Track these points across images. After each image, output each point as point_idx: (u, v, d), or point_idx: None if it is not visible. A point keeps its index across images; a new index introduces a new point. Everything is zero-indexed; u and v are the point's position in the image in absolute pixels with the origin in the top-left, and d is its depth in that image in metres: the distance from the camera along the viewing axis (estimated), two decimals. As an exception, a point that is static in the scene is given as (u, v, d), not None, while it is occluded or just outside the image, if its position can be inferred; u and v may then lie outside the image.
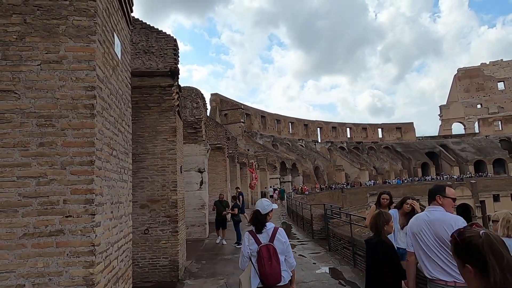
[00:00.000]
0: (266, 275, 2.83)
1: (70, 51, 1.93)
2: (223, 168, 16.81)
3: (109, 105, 2.25)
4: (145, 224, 6.58)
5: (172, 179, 6.70)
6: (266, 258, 2.85)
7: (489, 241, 1.11)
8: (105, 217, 2.05)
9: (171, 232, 6.58)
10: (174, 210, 6.64)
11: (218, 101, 49.10)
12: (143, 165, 6.71)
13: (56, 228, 1.81)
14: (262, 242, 2.93)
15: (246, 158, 26.67)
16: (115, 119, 2.40)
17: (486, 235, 1.13)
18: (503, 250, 1.11)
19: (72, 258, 1.80)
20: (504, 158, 55.63)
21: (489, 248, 1.10)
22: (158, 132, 6.79)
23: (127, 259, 2.71)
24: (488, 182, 52.70)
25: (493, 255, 1.09)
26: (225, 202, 11.03)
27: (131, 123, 3.10)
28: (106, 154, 2.13)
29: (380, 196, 4.96)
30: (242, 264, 3.06)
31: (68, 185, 1.85)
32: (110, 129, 2.25)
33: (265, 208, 3.09)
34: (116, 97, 2.45)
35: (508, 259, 1.09)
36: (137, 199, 6.62)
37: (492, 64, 67.62)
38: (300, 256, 8.42)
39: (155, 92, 6.84)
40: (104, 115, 2.11)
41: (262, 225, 3.02)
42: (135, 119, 6.79)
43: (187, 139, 12.31)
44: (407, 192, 51.90)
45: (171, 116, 6.84)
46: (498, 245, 1.11)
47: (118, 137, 2.48)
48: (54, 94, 1.89)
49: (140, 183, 6.66)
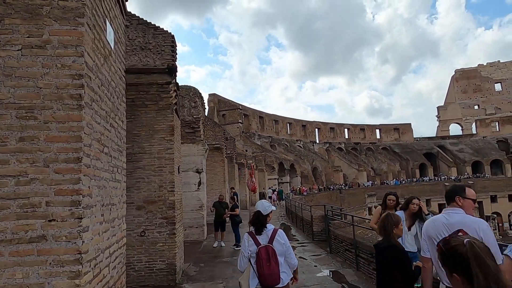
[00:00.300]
0: (264, 276, 2.85)
1: (55, 35, 1.72)
2: (221, 169, 16.59)
3: (100, 97, 2.05)
4: (142, 226, 6.35)
5: (170, 179, 6.48)
6: (264, 259, 2.87)
7: (472, 250, 1.13)
8: (94, 220, 1.84)
9: (168, 234, 6.36)
10: (172, 211, 6.42)
11: (216, 102, 48.86)
12: (139, 165, 6.49)
13: (38, 233, 1.60)
14: (261, 243, 2.94)
15: (245, 159, 26.46)
16: (106, 113, 2.19)
17: (469, 243, 1.14)
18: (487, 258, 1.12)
19: (56, 267, 1.59)
20: (501, 159, 55.78)
21: (473, 257, 1.11)
22: (155, 131, 6.58)
23: (120, 266, 2.50)
24: (486, 183, 52.79)
25: (476, 263, 1.10)
26: (225, 203, 10.74)
27: (126, 119, 2.90)
28: (96, 151, 1.92)
29: (386, 197, 4.78)
30: (241, 265, 3.06)
31: (52, 185, 1.64)
32: (101, 124, 2.04)
33: (266, 209, 3.11)
34: (108, 89, 2.24)
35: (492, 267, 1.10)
36: (133, 200, 6.40)
37: (489, 65, 67.88)
38: (301, 258, 8.21)
39: (152, 90, 6.62)
40: (93, 107, 1.90)
41: (262, 226, 3.03)
42: (131, 118, 6.57)
43: (185, 139, 12.09)
44: (405, 193, 51.97)
45: (168, 115, 6.63)
46: (482, 253, 1.12)
47: (110, 133, 2.27)
48: (37, 83, 1.68)
49: (136, 184, 6.44)
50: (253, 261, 2.94)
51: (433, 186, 53.45)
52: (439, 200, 53.07)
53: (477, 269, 1.10)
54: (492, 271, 1.11)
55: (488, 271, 1.10)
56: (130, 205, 6.39)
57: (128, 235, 6.64)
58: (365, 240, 6.68)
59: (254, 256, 2.94)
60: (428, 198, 52.67)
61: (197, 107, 12.08)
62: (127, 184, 6.58)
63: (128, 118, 6.95)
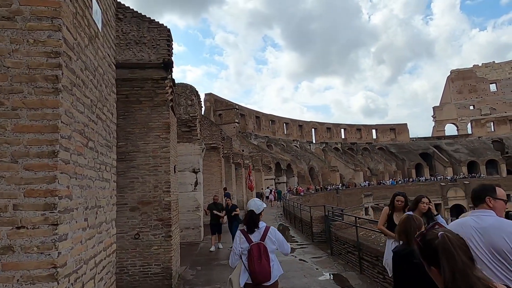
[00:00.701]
0: (255, 273, 2.89)
1: (27, 4, 1.43)
2: (218, 169, 16.30)
3: (84, 82, 1.76)
4: (136, 228, 6.05)
5: (165, 179, 6.18)
6: (256, 257, 2.92)
7: (443, 242, 1.16)
8: (75, 226, 1.55)
9: (164, 237, 6.06)
10: (167, 212, 6.12)
11: (212, 101, 48.52)
12: (133, 164, 6.18)
13: (3, 244, 1.32)
14: (253, 241, 2.99)
15: (241, 159, 26.17)
16: (92, 102, 1.90)
17: (442, 236, 1.17)
18: (457, 251, 1.13)
19: (25, 285, 1.30)
20: (497, 159, 56.08)
21: (442, 249, 1.15)
22: (150, 128, 6.28)
23: (109, 276, 2.21)
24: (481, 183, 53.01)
25: (444, 255, 1.14)
26: (220, 205, 10.13)
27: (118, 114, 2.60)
28: (78, 145, 1.64)
29: (394, 198, 4.52)
30: (233, 262, 3.14)
31: (21, 184, 1.35)
32: (84, 113, 1.75)
33: (259, 208, 3.16)
34: (94, 75, 1.96)
35: (461, 259, 1.12)
36: (127, 201, 6.09)
37: (484, 66, 68.26)
38: (301, 261, 7.96)
39: (147, 85, 6.32)
40: (74, 93, 1.62)
41: (255, 225, 3.08)
42: (125, 115, 6.27)
43: (181, 138, 11.78)
44: (401, 193, 52.18)
45: (164, 112, 6.33)
46: (452, 245, 1.14)
47: (96, 125, 1.98)
48: (3, 62, 1.40)
49: (130, 184, 6.13)
50: (245, 258, 2.99)
51: (429, 186, 53.55)
52: (435, 200, 53.16)
53: (444, 262, 1.13)
54: (459, 265, 1.11)
55: (455, 265, 1.11)
56: (123, 207, 6.09)
57: (121, 237, 6.34)
58: (369, 242, 6.44)
59: (245, 253, 2.99)
60: (424, 198, 52.74)
61: (193, 105, 11.77)
62: (120, 184, 6.27)
63: (121, 115, 6.64)
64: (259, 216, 3.15)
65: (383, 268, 5.51)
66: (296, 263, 7.64)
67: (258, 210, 3.15)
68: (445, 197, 52.87)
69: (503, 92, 65.35)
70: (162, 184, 6.15)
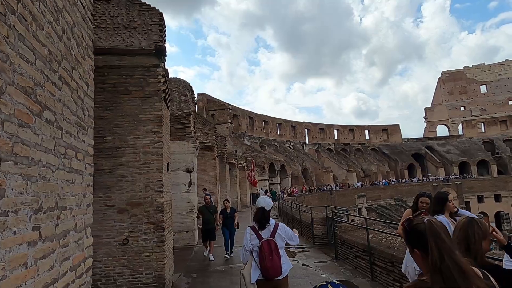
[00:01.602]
0: (267, 269, 2.97)
1: None
2: (213, 169, 15.66)
3: (35, 18, 1.15)
4: (124, 232, 5.40)
5: (157, 178, 5.55)
6: (267, 253, 2.99)
7: (430, 226, 1.25)
8: (9, 241, 0.95)
9: (156, 242, 5.43)
10: (160, 215, 5.49)
11: (205, 101, 47.78)
12: (122, 161, 5.53)
13: None
14: (263, 237, 3.07)
15: (235, 159, 25.55)
16: (52, 56, 1.30)
17: (428, 221, 1.27)
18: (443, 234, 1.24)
19: None
20: (488, 159, 56.63)
21: (430, 232, 1.24)
22: (141, 121, 5.64)
23: (81, 304, 1.59)
24: (473, 183, 53.47)
25: (432, 237, 1.23)
26: (213, 207, 8.72)
27: (93, 84, 2.01)
28: (21, 109, 1.04)
29: (418, 199, 3.97)
30: (244, 258, 3.20)
31: None
32: (35, 66, 1.15)
33: (269, 205, 3.25)
34: (56, 19, 1.35)
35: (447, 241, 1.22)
36: (115, 203, 5.44)
37: (475, 67, 69.09)
38: (305, 266, 7.39)
39: (137, 74, 5.69)
40: (13, 24, 1.02)
41: (267, 221, 3.16)
42: (112, 106, 5.63)
43: (174, 135, 11.11)
44: (394, 193, 52.29)
45: (156, 103, 5.71)
46: (439, 229, 1.25)
47: (60, 92, 1.38)
48: None
49: (118, 183, 5.48)
50: (255, 255, 3.05)
51: (421, 186, 53.62)
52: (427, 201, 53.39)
53: (432, 242, 1.22)
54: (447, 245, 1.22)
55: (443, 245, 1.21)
56: (110, 208, 5.44)
57: (108, 243, 5.68)
58: (381, 246, 5.91)
59: (256, 250, 3.05)
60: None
61: (187, 101, 11.14)
62: (107, 183, 5.62)
63: (108, 107, 5.99)
64: (269, 213, 3.23)
65: (400, 275, 4.99)
66: (300, 269, 7.07)
67: (268, 207, 3.23)
68: (438, 197, 53.07)
69: (493, 94, 66.21)
70: (154, 183, 5.52)
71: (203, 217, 8.41)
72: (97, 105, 5.58)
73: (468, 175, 55.93)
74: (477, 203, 52.86)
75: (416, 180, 55.90)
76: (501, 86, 65.75)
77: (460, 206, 53.14)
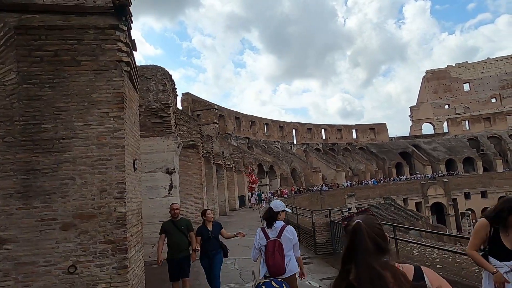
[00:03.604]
0: (269, 266, 3.24)
1: None
2: (198, 170, 14.12)
3: None
4: (70, 257, 3.86)
5: (118, 179, 4.05)
6: (270, 252, 3.26)
7: (353, 228, 1.30)
8: None
9: (116, 269, 3.92)
10: (121, 230, 3.99)
11: (190, 101, 46.06)
12: (67, 157, 4.01)
13: None
14: (270, 237, 3.34)
15: (223, 160, 24.05)
16: None
17: (357, 223, 1.30)
18: (364, 236, 1.24)
19: None
20: (473, 156, 57.17)
21: (348, 232, 1.32)
22: (94, 102, 4.13)
23: None
24: (459, 181, 53.78)
25: (348, 236, 1.31)
26: (185, 222, 5.22)
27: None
28: None
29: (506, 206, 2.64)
30: (254, 256, 3.51)
31: None
32: None
33: (278, 207, 3.51)
34: None
35: (363, 244, 1.23)
36: (57, 215, 3.91)
37: (458, 66, 69.97)
38: (311, 285, 6.01)
39: (88, 38, 4.17)
40: None
41: (273, 220, 3.42)
42: (53, 82, 4.09)
43: (151, 131, 9.57)
44: (383, 192, 51.90)
45: (115, 78, 4.21)
46: (361, 232, 1.26)
47: None
48: None
49: (61, 188, 3.95)
50: (263, 253, 3.35)
51: (409, 185, 53.62)
52: (416, 199, 53.34)
53: (346, 242, 1.32)
54: (359, 247, 1.23)
55: (353, 247, 1.26)
56: (50, 223, 3.89)
57: (46, 273, 4.09)
58: (408, 259, 4.60)
59: (263, 249, 3.34)
60: (405, 197, 52.73)
61: (166, 91, 9.62)
62: (45, 189, 4.08)
63: (48, 83, 4.42)
64: (277, 215, 3.46)
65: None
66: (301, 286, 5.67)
67: (276, 209, 3.48)
68: (426, 195, 53.09)
69: (476, 92, 67.17)
70: (113, 187, 4.02)
71: (168, 239, 5.03)
72: (31, 81, 4.04)
73: (454, 172, 56.26)
74: (464, 200, 53.15)
75: (404, 178, 55.80)
76: (484, 84, 66.80)
77: (448, 204, 53.42)
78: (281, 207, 3.49)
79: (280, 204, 3.53)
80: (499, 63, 66.60)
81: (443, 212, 53.61)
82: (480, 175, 54.77)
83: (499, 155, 56.65)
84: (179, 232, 5.03)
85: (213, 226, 5.12)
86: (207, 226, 5.12)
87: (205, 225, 5.15)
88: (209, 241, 5.00)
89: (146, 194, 8.92)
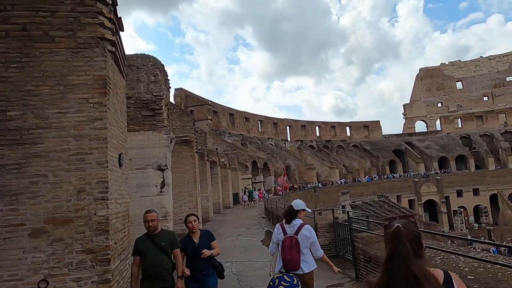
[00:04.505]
0: (285, 261, 3.30)
1: None
2: (191, 166, 13.48)
3: None
4: (41, 269, 3.24)
5: (99, 177, 3.43)
6: (287, 247, 3.31)
7: (393, 231, 1.38)
8: None
9: (97, 283, 3.31)
10: (103, 237, 3.37)
11: (183, 97, 45.17)
12: (38, 150, 3.36)
13: None
14: (288, 233, 3.40)
15: (217, 156, 23.41)
16: None
17: (397, 226, 1.38)
18: (403, 239, 1.33)
19: None
20: (466, 154, 57.52)
21: (390, 234, 1.38)
22: (71, 86, 3.49)
23: None
24: (452, 178, 54.07)
25: (390, 240, 1.36)
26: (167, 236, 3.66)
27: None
28: None
29: None
30: (271, 250, 3.56)
31: None
32: None
33: (298, 206, 3.57)
34: None
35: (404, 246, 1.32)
36: (25, 220, 3.27)
37: (451, 64, 70.28)
38: (317, 292, 5.48)
39: (63, 9, 3.51)
40: None
41: (291, 217, 3.48)
42: (22, 61, 3.43)
43: (142, 124, 8.89)
44: (377, 190, 51.90)
45: (97, 57, 3.56)
46: (400, 234, 1.35)
47: None
48: None
49: (30, 187, 3.31)
50: (280, 248, 3.40)
51: (403, 182, 53.73)
52: (409, 196, 53.48)
53: (389, 245, 1.36)
54: (399, 250, 1.31)
55: (396, 249, 1.32)
56: (17, 229, 3.25)
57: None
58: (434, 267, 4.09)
59: (280, 244, 3.39)
60: (398, 195, 52.83)
61: (157, 82, 8.94)
62: (12, 188, 3.36)
63: (16, 62, 3.68)
64: (297, 213, 3.52)
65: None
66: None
67: (296, 208, 3.54)
68: (419, 192, 53.26)
69: (468, 90, 67.59)
70: (93, 186, 3.40)
71: (143, 262, 3.54)
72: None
73: (447, 170, 56.55)
74: (456, 197, 53.50)
75: (398, 176, 55.89)
76: (476, 82, 67.24)
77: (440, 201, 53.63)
78: (301, 206, 3.58)
79: (301, 203, 3.61)
80: (492, 61, 67.08)
81: (435, 210, 53.89)
82: (472, 173, 55.16)
83: (491, 153, 57.12)
84: (158, 252, 3.49)
85: (200, 236, 3.72)
86: (192, 238, 3.72)
87: (189, 236, 3.75)
88: (196, 258, 3.59)
89: (136, 192, 8.28)
